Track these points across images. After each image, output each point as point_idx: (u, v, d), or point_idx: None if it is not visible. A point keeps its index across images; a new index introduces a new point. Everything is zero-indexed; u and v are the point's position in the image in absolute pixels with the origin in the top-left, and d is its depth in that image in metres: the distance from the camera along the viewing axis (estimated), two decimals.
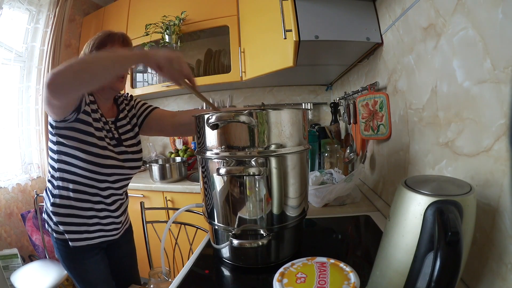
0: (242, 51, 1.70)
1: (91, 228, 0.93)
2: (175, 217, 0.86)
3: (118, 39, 0.94)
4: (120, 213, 1.01)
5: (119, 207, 1.00)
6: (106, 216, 0.96)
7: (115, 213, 0.99)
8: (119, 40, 0.94)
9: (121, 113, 1.02)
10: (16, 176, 1.91)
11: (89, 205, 0.92)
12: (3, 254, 1.63)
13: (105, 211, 0.95)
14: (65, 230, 0.90)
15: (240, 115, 0.58)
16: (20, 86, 1.99)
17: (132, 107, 1.07)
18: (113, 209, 0.98)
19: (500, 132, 0.46)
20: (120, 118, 1.00)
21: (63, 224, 0.90)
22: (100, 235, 0.95)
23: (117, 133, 0.98)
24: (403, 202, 0.45)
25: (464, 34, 0.55)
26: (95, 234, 0.94)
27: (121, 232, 1.04)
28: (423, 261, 0.41)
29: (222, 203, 0.67)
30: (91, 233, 0.93)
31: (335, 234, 0.92)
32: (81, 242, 0.91)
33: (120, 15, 2.12)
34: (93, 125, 0.88)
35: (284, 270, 0.45)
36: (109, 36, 0.92)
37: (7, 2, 1.78)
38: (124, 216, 1.05)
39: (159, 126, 1.11)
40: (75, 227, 0.91)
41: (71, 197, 0.89)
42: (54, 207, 0.90)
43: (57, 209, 0.90)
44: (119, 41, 0.94)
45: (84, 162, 0.87)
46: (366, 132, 1.15)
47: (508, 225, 0.44)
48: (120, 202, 1.01)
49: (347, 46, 1.11)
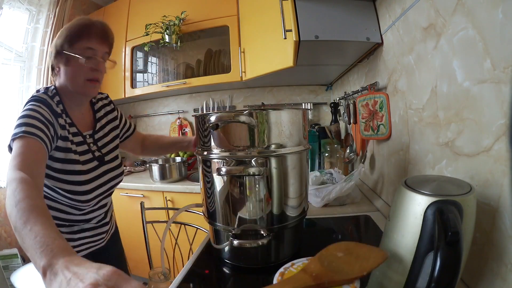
0: (242, 51, 1.70)
1: (78, 242, 0.87)
2: (175, 217, 0.86)
3: (96, 31, 0.77)
4: (106, 221, 0.95)
5: (104, 217, 0.94)
6: (92, 228, 0.89)
7: (101, 222, 0.93)
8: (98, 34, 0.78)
9: (98, 122, 0.89)
10: None
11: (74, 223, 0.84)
12: (3, 254, 1.63)
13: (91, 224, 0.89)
14: None
15: (240, 115, 0.58)
16: (20, 86, 1.99)
17: (115, 118, 0.96)
18: (96, 222, 0.91)
19: (500, 132, 0.46)
20: (98, 129, 0.88)
21: None
22: (88, 246, 0.90)
23: (97, 148, 0.86)
24: (403, 202, 0.45)
25: (464, 34, 0.55)
26: (82, 246, 0.88)
27: (107, 238, 0.99)
28: (423, 261, 0.41)
29: (222, 203, 0.67)
30: (78, 246, 0.87)
31: (335, 234, 0.92)
32: None
33: (120, 15, 2.12)
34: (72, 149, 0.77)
35: (284, 270, 0.45)
36: (86, 27, 0.76)
37: (7, 2, 1.78)
38: (110, 224, 0.99)
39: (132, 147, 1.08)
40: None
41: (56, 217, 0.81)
42: None
43: None
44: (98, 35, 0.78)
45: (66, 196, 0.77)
46: (366, 132, 1.15)
47: (508, 225, 0.44)
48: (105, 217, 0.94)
49: (347, 46, 1.11)
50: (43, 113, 0.70)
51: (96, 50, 0.78)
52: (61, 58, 0.76)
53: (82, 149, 0.80)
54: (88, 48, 0.76)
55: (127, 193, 1.83)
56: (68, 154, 0.76)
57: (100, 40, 0.78)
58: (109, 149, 0.90)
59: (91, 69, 0.77)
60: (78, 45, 0.75)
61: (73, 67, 0.76)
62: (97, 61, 0.78)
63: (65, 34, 0.75)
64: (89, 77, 0.78)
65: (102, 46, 0.79)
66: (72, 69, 0.76)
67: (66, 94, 0.80)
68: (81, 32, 0.75)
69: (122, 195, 1.83)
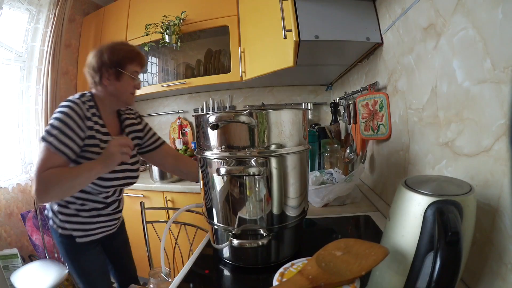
0: (242, 51, 1.70)
1: (95, 225, 1.02)
2: (175, 217, 0.85)
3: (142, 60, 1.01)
4: (118, 210, 1.11)
5: (118, 206, 1.10)
6: (107, 214, 1.05)
7: (115, 210, 1.09)
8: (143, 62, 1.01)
9: (125, 129, 1.07)
10: (16, 176, 1.91)
11: (92, 206, 0.99)
12: (3, 254, 1.63)
13: (107, 210, 1.04)
14: (73, 228, 0.98)
15: (240, 115, 0.58)
16: (20, 86, 1.99)
17: (139, 131, 1.12)
18: (114, 207, 1.07)
19: (500, 132, 0.46)
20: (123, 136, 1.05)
21: (69, 223, 0.97)
22: (102, 230, 1.05)
23: None
24: (403, 202, 0.45)
25: (464, 34, 0.55)
26: (97, 230, 1.03)
27: (118, 225, 1.15)
28: (423, 261, 0.41)
29: (222, 203, 0.67)
30: (95, 229, 1.02)
31: (335, 234, 0.92)
32: (86, 238, 1.00)
33: (120, 15, 2.12)
34: (101, 145, 0.93)
35: (284, 270, 0.45)
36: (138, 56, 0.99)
37: (7, 2, 1.78)
38: (120, 214, 1.15)
39: (160, 162, 1.21)
40: (81, 226, 0.99)
41: (76, 203, 0.97)
42: (60, 208, 0.97)
43: (63, 210, 0.97)
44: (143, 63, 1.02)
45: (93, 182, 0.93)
46: (366, 132, 1.15)
47: (508, 225, 0.44)
48: (119, 202, 1.11)
49: (347, 46, 1.11)
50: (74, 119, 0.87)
51: (139, 73, 1.02)
52: (112, 72, 0.95)
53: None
54: (135, 71, 0.99)
55: (127, 193, 1.83)
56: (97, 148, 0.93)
57: (142, 66, 1.02)
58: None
59: (135, 86, 1.01)
60: (131, 67, 0.97)
61: (124, 83, 0.97)
62: (139, 81, 1.03)
63: (122, 55, 0.95)
64: (133, 92, 1.01)
65: (142, 70, 1.04)
66: (123, 84, 0.97)
67: (103, 101, 0.99)
68: (134, 58, 0.98)
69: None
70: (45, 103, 1.96)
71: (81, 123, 0.88)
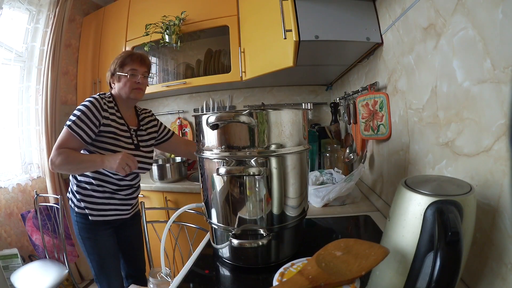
0: (242, 51, 1.69)
1: (108, 206, 1.14)
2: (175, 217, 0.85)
3: (136, 58, 1.14)
4: (133, 197, 1.22)
5: (132, 193, 1.21)
6: (121, 198, 1.17)
7: (128, 196, 1.20)
8: (137, 60, 1.14)
9: (142, 124, 1.24)
10: (16, 176, 1.91)
11: (107, 189, 1.13)
12: (3, 254, 1.63)
13: (120, 195, 1.16)
14: (86, 207, 1.11)
15: (240, 115, 0.58)
16: (20, 86, 1.99)
17: (155, 125, 1.30)
18: (127, 193, 1.19)
19: (500, 132, 0.46)
20: (141, 128, 1.22)
21: (85, 202, 1.11)
22: (115, 213, 1.16)
23: (137, 140, 1.19)
24: (403, 202, 0.45)
25: (464, 34, 0.55)
26: (110, 212, 1.15)
27: (132, 213, 1.24)
28: (423, 261, 0.41)
29: (222, 203, 0.67)
30: (108, 210, 1.14)
31: (335, 234, 0.92)
32: (98, 217, 1.12)
33: (120, 15, 2.12)
34: (117, 132, 1.10)
35: (284, 270, 0.45)
36: (129, 57, 1.13)
37: (7, 2, 1.78)
38: (135, 200, 1.26)
39: (172, 150, 1.42)
40: (95, 205, 1.12)
41: (93, 183, 1.11)
42: (78, 188, 1.12)
43: (80, 190, 1.12)
44: (137, 60, 1.14)
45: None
46: (366, 132, 1.15)
47: (508, 225, 0.44)
48: (133, 189, 1.22)
49: (347, 46, 1.11)
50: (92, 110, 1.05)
51: (138, 70, 1.14)
52: (115, 77, 1.15)
53: (126, 134, 1.14)
54: (132, 69, 1.13)
55: None
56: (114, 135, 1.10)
57: (139, 63, 1.15)
58: (145, 144, 1.23)
59: (135, 82, 1.14)
60: (126, 67, 1.13)
61: (123, 82, 1.13)
62: (138, 77, 1.14)
63: (116, 61, 1.13)
64: (134, 87, 1.14)
65: (142, 68, 1.16)
66: (122, 83, 1.13)
67: (120, 99, 1.17)
68: (126, 59, 1.13)
69: None
70: (45, 103, 1.96)
71: (97, 113, 1.05)
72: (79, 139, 1.02)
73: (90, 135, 1.04)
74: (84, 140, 1.03)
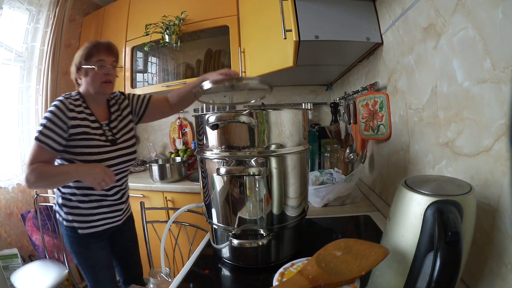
0: (242, 51, 1.69)
1: (97, 217, 1.05)
2: (175, 217, 0.85)
3: (103, 48, 1.02)
4: (122, 201, 1.13)
5: (121, 197, 1.12)
6: (109, 205, 1.08)
7: (117, 201, 1.10)
8: (104, 49, 1.02)
9: (113, 115, 1.11)
10: (16, 176, 1.91)
11: (93, 198, 1.04)
12: (3, 254, 1.63)
13: (108, 201, 1.07)
14: (74, 220, 1.03)
15: (240, 115, 0.58)
16: (20, 86, 1.99)
17: (127, 106, 1.17)
18: (116, 198, 1.09)
19: (500, 132, 0.46)
20: (112, 119, 1.10)
21: (72, 215, 1.03)
22: (105, 222, 1.08)
23: (111, 134, 1.08)
24: (403, 202, 0.45)
25: (464, 34, 0.55)
26: (100, 222, 1.06)
27: (124, 219, 1.16)
28: (423, 261, 0.41)
29: (222, 203, 0.67)
30: (97, 221, 1.05)
31: (335, 234, 0.92)
32: (88, 230, 1.04)
33: (120, 15, 2.12)
34: (89, 132, 1.00)
35: (284, 270, 0.45)
36: (95, 47, 1.01)
37: (7, 2, 1.77)
38: (126, 204, 1.17)
39: (159, 112, 1.24)
40: (83, 217, 1.03)
41: (77, 194, 1.02)
42: (63, 200, 1.03)
43: (66, 202, 1.03)
44: (104, 50, 1.02)
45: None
46: (366, 132, 1.15)
47: (508, 225, 0.44)
48: (122, 192, 1.12)
49: (347, 46, 1.11)
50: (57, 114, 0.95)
51: (106, 60, 1.02)
52: (81, 72, 1.02)
53: (98, 132, 1.04)
54: (99, 60, 1.01)
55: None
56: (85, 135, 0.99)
57: (107, 53, 1.03)
58: (122, 133, 1.11)
59: (104, 74, 1.02)
60: (92, 59, 1.00)
61: (91, 76, 1.01)
62: (107, 68, 1.03)
63: (81, 53, 1.01)
64: (104, 80, 1.02)
65: (109, 57, 1.04)
66: (90, 77, 1.01)
67: (89, 96, 1.05)
68: (92, 50, 1.00)
69: None
70: (45, 103, 1.96)
71: (63, 116, 0.95)
72: (49, 149, 0.93)
73: (59, 141, 0.94)
74: (54, 149, 0.94)
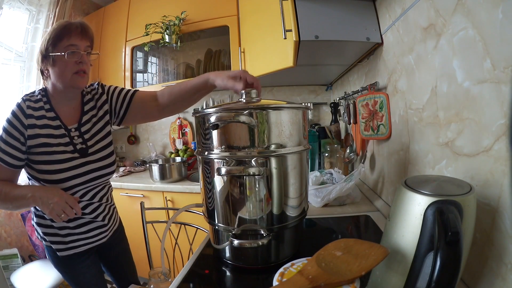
0: (242, 51, 1.69)
1: (75, 237, 0.89)
2: (175, 217, 0.86)
3: (75, 29, 0.82)
4: (103, 218, 0.95)
5: (102, 211, 0.95)
6: (88, 223, 0.91)
7: (97, 219, 0.93)
8: (77, 31, 0.82)
9: (85, 115, 0.90)
10: None
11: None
12: (3, 254, 1.63)
13: (86, 218, 0.90)
14: (51, 241, 0.87)
15: (240, 115, 0.58)
16: (20, 86, 1.99)
17: (105, 102, 0.95)
18: (94, 216, 0.92)
19: (500, 132, 0.46)
20: (83, 122, 0.89)
21: (48, 235, 0.87)
22: (86, 242, 0.91)
23: (81, 141, 0.88)
24: (403, 202, 0.45)
25: (464, 34, 0.55)
26: (80, 242, 0.90)
27: (109, 235, 0.99)
28: (423, 261, 0.41)
29: (222, 203, 0.67)
30: (76, 241, 0.89)
31: (335, 234, 0.92)
32: (68, 252, 0.89)
33: (120, 15, 2.12)
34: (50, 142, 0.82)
35: (284, 270, 0.45)
36: (65, 28, 0.81)
37: (7, 2, 1.77)
38: (110, 219, 0.99)
39: (143, 113, 0.98)
40: (59, 238, 0.88)
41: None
42: (38, 219, 0.88)
43: (40, 221, 0.88)
44: (77, 32, 0.82)
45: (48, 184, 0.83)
46: (366, 132, 1.15)
47: (508, 225, 0.44)
48: (100, 210, 0.94)
49: (347, 46, 1.11)
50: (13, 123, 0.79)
51: (78, 46, 0.82)
52: (47, 61, 0.82)
53: (63, 141, 0.84)
54: (70, 45, 0.81)
55: (127, 193, 1.83)
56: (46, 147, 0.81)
57: (80, 36, 0.83)
58: (96, 140, 0.91)
59: (76, 63, 0.82)
60: (61, 44, 0.80)
61: (60, 65, 0.81)
62: (80, 54, 0.82)
63: (47, 38, 0.81)
64: (75, 70, 0.82)
65: (83, 41, 0.84)
66: (59, 67, 0.81)
67: (57, 92, 0.86)
68: (61, 32, 0.80)
69: (122, 195, 1.83)
70: None
71: (19, 125, 0.79)
72: (5, 166, 0.79)
73: (18, 156, 0.79)
74: (11, 165, 0.79)
